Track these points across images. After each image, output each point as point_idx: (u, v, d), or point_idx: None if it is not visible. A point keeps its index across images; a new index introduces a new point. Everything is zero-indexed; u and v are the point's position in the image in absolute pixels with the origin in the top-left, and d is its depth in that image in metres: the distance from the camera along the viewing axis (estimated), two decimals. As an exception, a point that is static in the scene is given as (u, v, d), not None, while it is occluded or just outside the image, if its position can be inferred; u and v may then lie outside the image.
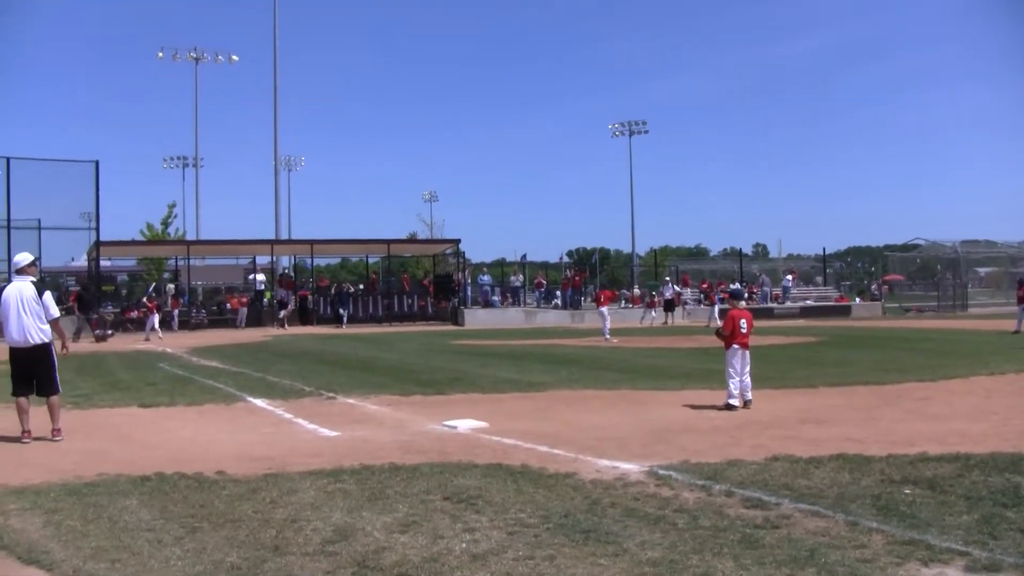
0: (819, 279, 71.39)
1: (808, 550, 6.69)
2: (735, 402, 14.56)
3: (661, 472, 9.65)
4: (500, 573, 6.33)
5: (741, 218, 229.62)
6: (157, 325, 43.03)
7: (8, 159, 44.95)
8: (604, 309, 36.79)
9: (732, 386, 14.70)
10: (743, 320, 15.20)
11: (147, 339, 40.86)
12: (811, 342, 32.78)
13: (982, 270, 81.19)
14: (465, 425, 13.31)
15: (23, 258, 13.40)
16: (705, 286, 62.18)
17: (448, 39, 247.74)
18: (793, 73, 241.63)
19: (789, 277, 65.61)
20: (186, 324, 50.04)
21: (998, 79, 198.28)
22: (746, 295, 30.52)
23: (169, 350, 32.68)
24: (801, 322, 50.44)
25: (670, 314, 52.90)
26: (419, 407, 15.75)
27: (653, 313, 52.24)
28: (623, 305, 61.10)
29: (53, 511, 8.48)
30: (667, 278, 60.60)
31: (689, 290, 62.72)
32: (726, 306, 16.87)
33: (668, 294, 55.13)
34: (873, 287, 69.53)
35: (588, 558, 6.62)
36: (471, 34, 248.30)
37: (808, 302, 61.97)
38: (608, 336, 35.17)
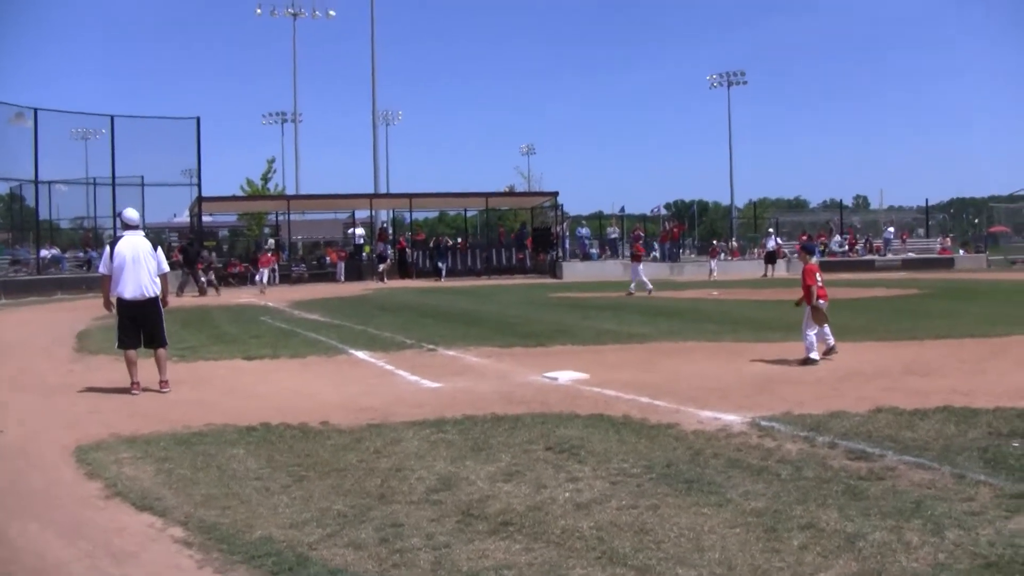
0: (921, 231, 70.09)
1: (914, 502, 6.63)
2: (815, 355, 14.35)
3: (764, 423, 9.62)
4: (604, 522, 6.37)
5: (841, 169, 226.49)
6: (266, 279, 43.49)
7: (112, 117, 45.69)
8: (640, 265, 36.28)
9: (810, 338, 14.49)
10: (817, 274, 14.99)
11: (262, 291, 41.45)
12: (914, 294, 32.15)
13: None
14: (566, 376, 13.33)
15: (133, 214, 13.65)
16: (804, 238, 61.36)
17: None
18: (893, 17, 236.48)
19: (890, 229, 64.45)
20: (287, 278, 50.51)
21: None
22: (818, 249, 29.95)
23: (271, 304, 33.08)
24: (903, 274, 49.63)
25: (771, 266, 52.32)
26: (520, 359, 15.80)
27: (713, 264, 51.90)
28: (723, 258, 60.56)
29: (164, 459, 8.70)
30: (769, 230, 59.79)
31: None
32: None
33: (770, 246, 54.43)
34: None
35: (691, 508, 6.63)
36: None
37: (910, 254, 60.80)
38: (637, 289, 34.97)
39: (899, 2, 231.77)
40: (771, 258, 53.20)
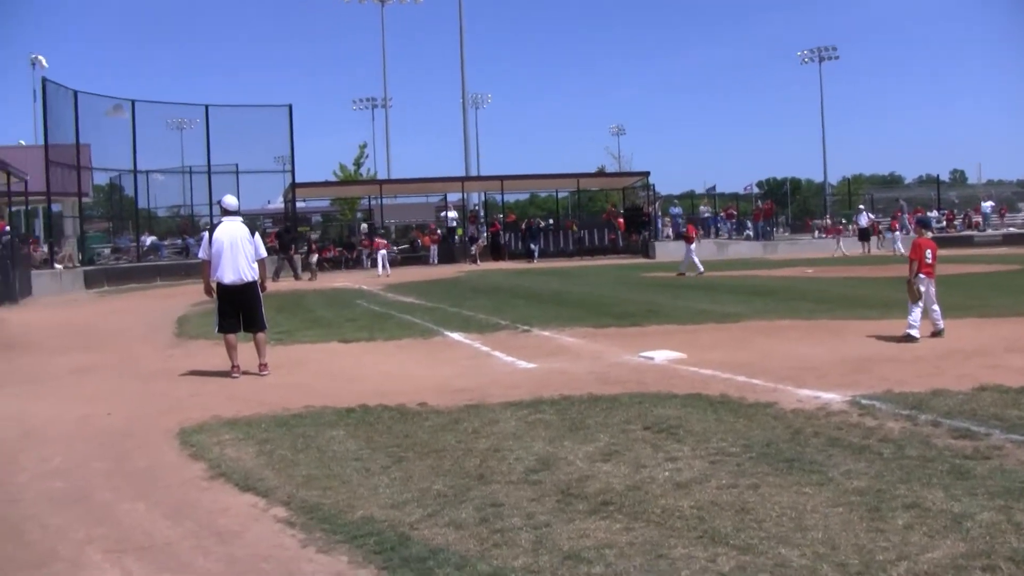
0: (1022, 205, 68.62)
1: (1023, 482, 6.50)
2: (915, 332, 14.12)
3: (864, 402, 9.50)
4: (704, 501, 6.34)
5: (937, 143, 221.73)
6: (382, 262, 43.73)
7: (207, 107, 46.44)
8: (692, 245, 35.91)
9: (914, 315, 14.27)
10: (928, 250, 14.74)
11: (387, 274, 41.85)
12: (1015, 270, 31.49)
13: None
14: (661, 356, 13.28)
15: (233, 201, 13.88)
16: (920, 213, 60.33)
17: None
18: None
19: (988, 204, 63.19)
20: (376, 262, 50.92)
21: None
22: (933, 223, 29.42)
23: (365, 287, 33.34)
24: (1004, 250, 48.61)
25: (866, 243, 51.56)
26: (614, 339, 15.76)
27: (841, 244, 51.13)
28: (816, 236, 59.97)
29: (264, 441, 8.83)
30: (861, 206, 58.94)
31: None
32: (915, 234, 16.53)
33: (863, 223, 53.65)
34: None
35: (792, 487, 6.57)
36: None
37: (1011, 229, 59.57)
38: (691, 268, 34.68)
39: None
40: (865, 235, 52.33)
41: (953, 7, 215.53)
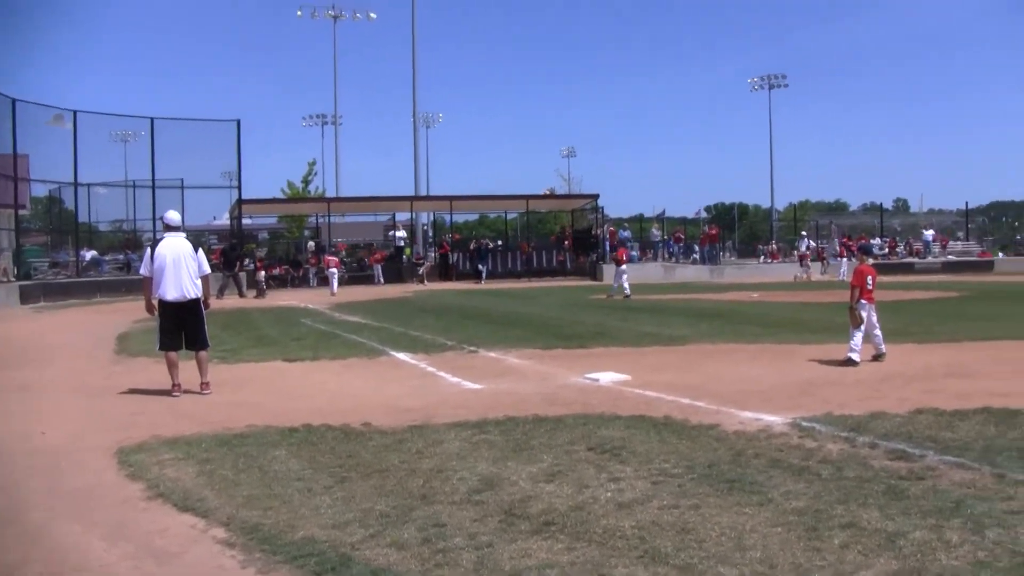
0: (961, 234, 69.63)
1: (954, 501, 6.64)
2: (856, 357, 14.32)
3: (805, 424, 9.62)
4: (646, 521, 6.38)
5: (881, 172, 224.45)
6: (333, 280, 44.14)
7: (152, 119, 45.89)
8: (623, 267, 36.43)
9: (856, 340, 14.45)
10: (870, 276, 14.95)
11: (333, 294, 41.95)
12: (954, 297, 32.08)
13: None
14: (607, 378, 13.35)
15: (176, 216, 13.78)
16: (845, 240, 61.23)
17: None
18: (934, 24, 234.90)
19: (929, 232, 64.20)
20: (326, 280, 50.82)
21: None
22: (875, 251, 29.94)
23: (311, 306, 33.23)
24: (943, 277, 49.49)
25: (808, 269, 52.59)
26: (561, 360, 15.82)
27: (809, 267, 52.20)
28: (762, 260, 60.60)
29: (205, 461, 8.76)
30: (803, 232, 59.85)
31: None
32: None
33: (804, 248, 54.65)
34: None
35: (733, 507, 6.64)
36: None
37: (950, 257, 60.67)
38: (619, 292, 35.16)
39: (939, 7, 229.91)
40: (805, 260, 53.60)
41: (897, 41, 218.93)
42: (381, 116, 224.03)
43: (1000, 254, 63.42)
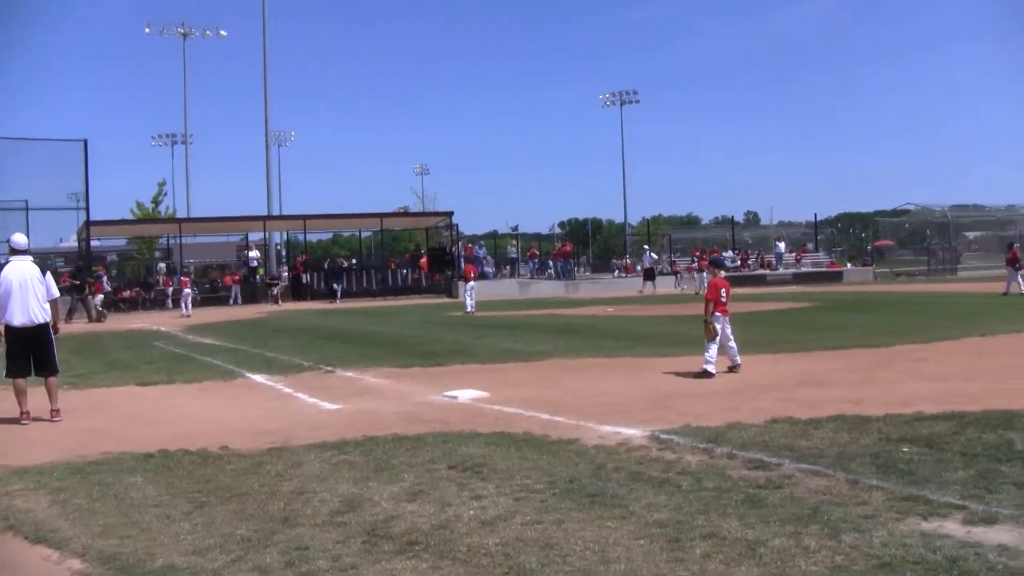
0: (810, 245, 71.46)
1: (811, 508, 6.77)
2: (712, 368, 14.58)
3: (663, 436, 9.72)
4: (510, 538, 6.39)
5: (733, 186, 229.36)
6: (191, 302, 43.69)
7: (-7, 139, 44.69)
8: (470, 284, 37.00)
9: (711, 352, 14.71)
10: (723, 289, 15.22)
11: (187, 314, 41.53)
12: (805, 307, 32.88)
13: (971, 234, 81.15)
14: (466, 395, 13.38)
15: (22, 239, 13.40)
16: (697, 254, 62.38)
17: (438, 8, 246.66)
18: (782, 41, 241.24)
19: (781, 244, 65.79)
20: (179, 302, 50.05)
21: (987, 43, 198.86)
22: (727, 263, 30.59)
23: (164, 328, 32.67)
24: (794, 288, 50.75)
25: (650, 283, 53.28)
26: (419, 378, 15.82)
27: (684, 279, 53.05)
28: (617, 275, 61.40)
29: (59, 490, 8.52)
30: (645, 247, 60.95)
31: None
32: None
33: (647, 263, 55.57)
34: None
35: (596, 521, 6.68)
36: (460, 4, 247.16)
37: (800, 268, 62.20)
38: (470, 310, 35.70)
39: (788, 21, 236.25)
40: (650, 274, 54.43)
41: (745, 59, 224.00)
42: (233, 135, 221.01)
43: (848, 265, 65.29)
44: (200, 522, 7.21)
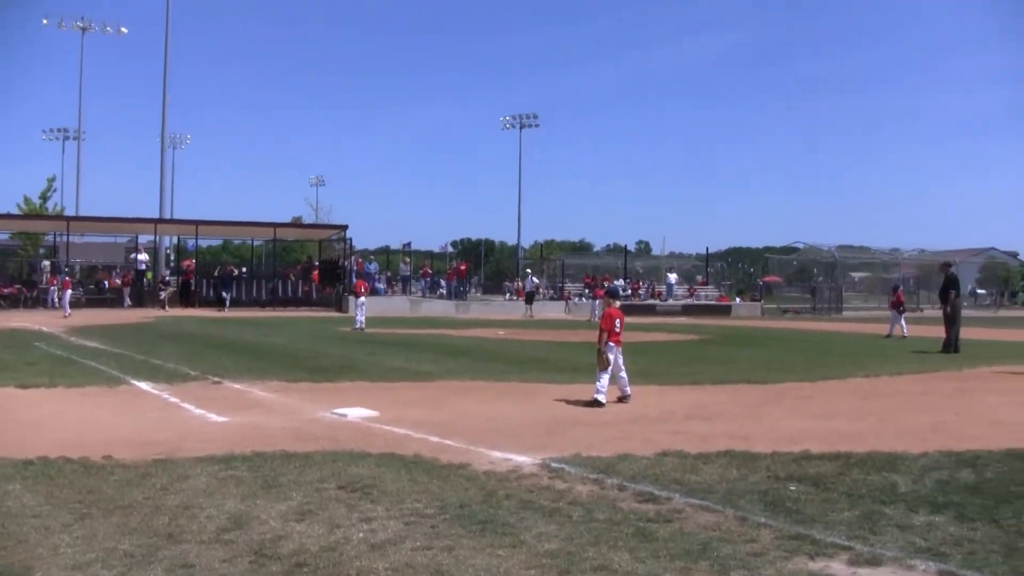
0: (700, 278, 72.38)
1: (700, 544, 6.81)
2: (602, 398, 14.61)
3: (554, 465, 9.74)
4: (399, 563, 6.33)
5: (626, 215, 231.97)
6: (68, 302, 43.03)
7: None
8: (361, 299, 37.16)
9: (602, 382, 14.76)
10: (618, 320, 15.29)
11: (67, 315, 40.68)
12: (695, 340, 33.24)
13: (857, 275, 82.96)
14: (355, 413, 13.27)
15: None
16: (589, 281, 62.87)
17: (340, 19, 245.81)
18: (679, 75, 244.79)
19: (672, 275, 66.61)
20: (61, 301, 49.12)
21: (877, 88, 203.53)
22: (621, 293, 30.90)
23: (45, 328, 31.99)
24: (683, 319, 51.35)
25: (530, 307, 53.85)
26: (307, 394, 15.67)
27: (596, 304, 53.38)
28: (508, 297, 61.65)
29: (-70, 498, 8.26)
30: (527, 270, 61.52)
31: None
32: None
33: (528, 287, 56.11)
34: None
35: (486, 549, 6.66)
36: (363, 17, 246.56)
37: (690, 300, 63.01)
38: (359, 326, 35.80)
39: (684, 59, 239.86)
40: (530, 298, 55.23)
41: (643, 90, 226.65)
42: (127, 134, 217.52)
43: (737, 299, 66.22)
44: (81, 535, 7.03)
